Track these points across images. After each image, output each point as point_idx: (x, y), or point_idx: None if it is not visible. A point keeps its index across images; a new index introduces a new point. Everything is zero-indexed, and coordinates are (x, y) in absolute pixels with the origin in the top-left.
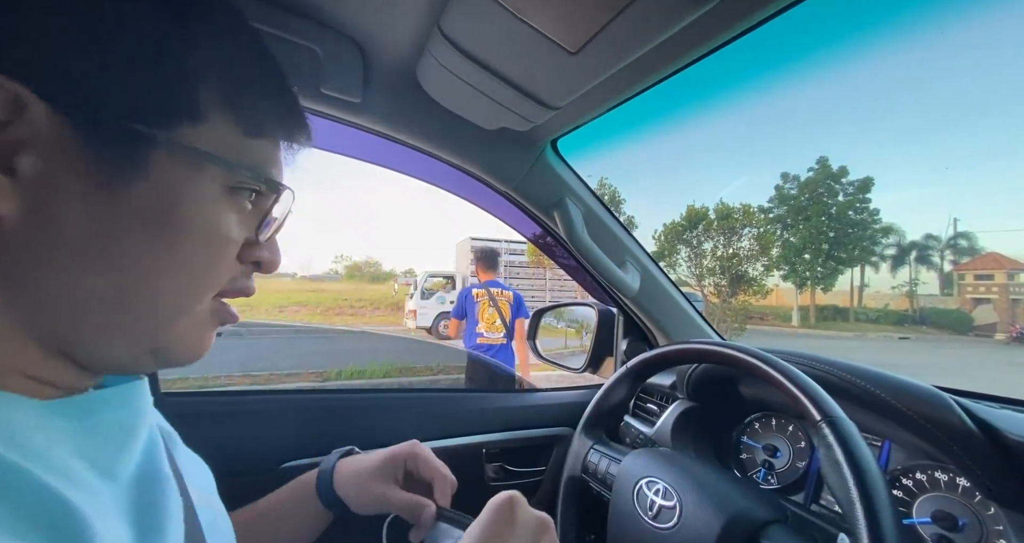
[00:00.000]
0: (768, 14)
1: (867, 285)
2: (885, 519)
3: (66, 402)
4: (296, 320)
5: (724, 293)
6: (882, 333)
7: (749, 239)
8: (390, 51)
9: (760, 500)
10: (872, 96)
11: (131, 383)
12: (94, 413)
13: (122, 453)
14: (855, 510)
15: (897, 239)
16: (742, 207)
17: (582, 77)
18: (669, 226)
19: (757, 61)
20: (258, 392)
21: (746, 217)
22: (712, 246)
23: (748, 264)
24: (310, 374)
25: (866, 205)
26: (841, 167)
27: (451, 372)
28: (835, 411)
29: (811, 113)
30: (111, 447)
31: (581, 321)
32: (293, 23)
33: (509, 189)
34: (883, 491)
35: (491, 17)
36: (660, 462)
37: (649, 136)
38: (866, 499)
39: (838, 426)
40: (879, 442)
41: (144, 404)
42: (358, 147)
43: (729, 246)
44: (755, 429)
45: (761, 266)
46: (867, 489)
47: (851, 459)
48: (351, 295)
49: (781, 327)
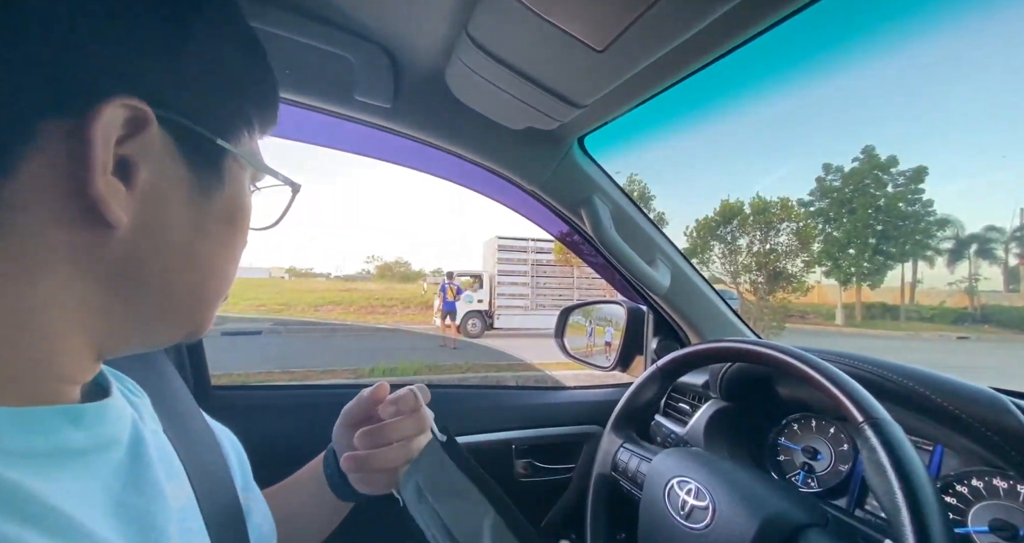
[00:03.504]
0: (803, 3)
1: (920, 281)
2: (933, 525)
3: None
4: (330, 318)
5: (761, 291)
6: (937, 332)
7: (787, 234)
8: (419, 57)
9: (798, 503)
10: (923, 81)
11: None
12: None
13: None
14: (900, 516)
15: (955, 232)
16: (780, 201)
17: (609, 75)
18: (701, 222)
19: (795, 49)
20: (301, 387)
21: (784, 211)
22: (748, 242)
23: (787, 260)
24: (345, 371)
25: (919, 196)
26: (890, 156)
27: (479, 370)
28: (878, 412)
29: (855, 101)
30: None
31: (609, 319)
32: (327, 33)
33: (536, 188)
34: (931, 496)
35: (517, 19)
36: (692, 462)
37: (681, 130)
38: (913, 504)
39: (882, 428)
40: (930, 446)
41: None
42: (390, 151)
43: (766, 242)
44: (793, 430)
45: (801, 262)
46: (914, 494)
47: (896, 463)
48: (382, 294)
49: (824, 326)
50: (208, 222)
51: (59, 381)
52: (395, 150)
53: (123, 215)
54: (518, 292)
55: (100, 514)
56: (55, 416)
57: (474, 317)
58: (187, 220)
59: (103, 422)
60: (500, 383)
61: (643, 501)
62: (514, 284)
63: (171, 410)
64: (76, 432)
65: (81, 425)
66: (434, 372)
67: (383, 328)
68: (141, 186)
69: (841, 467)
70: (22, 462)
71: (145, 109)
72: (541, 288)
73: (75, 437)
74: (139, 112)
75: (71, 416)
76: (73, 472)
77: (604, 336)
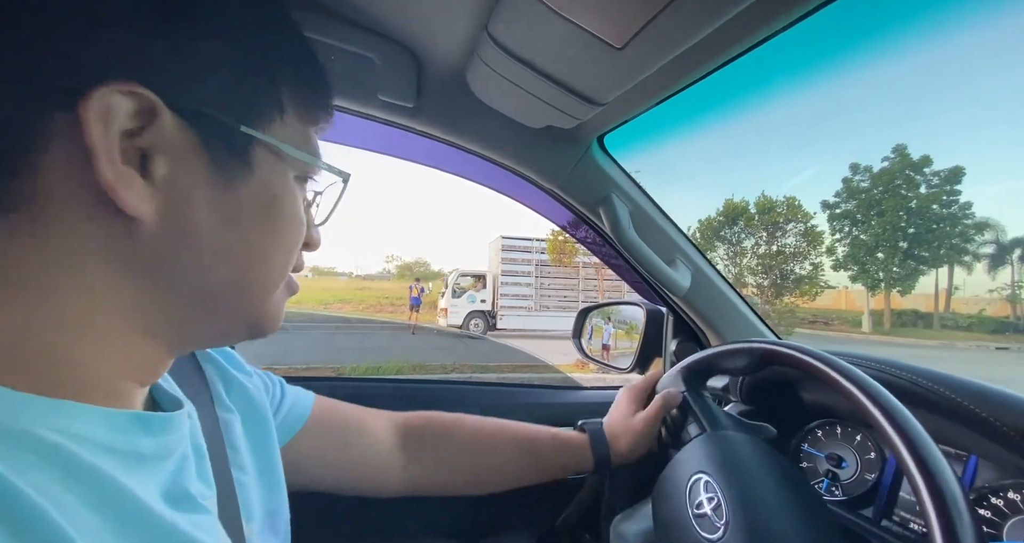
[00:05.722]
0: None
1: (959, 288)
2: (966, 540)
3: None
4: (338, 315)
5: (767, 294)
6: (974, 342)
7: (795, 235)
8: (441, 57)
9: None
10: (958, 77)
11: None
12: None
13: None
14: (932, 532)
15: (995, 236)
16: (786, 200)
17: (628, 72)
18: (705, 222)
19: (824, 44)
20: (309, 379)
21: (790, 211)
22: (753, 243)
23: (794, 262)
24: (326, 369)
25: (955, 198)
26: (923, 156)
27: (464, 370)
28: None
29: (887, 98)
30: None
31: (630, 322)
32: (353, 34)
33: (555, 187)
34: (963, 506)
35: (537, 18)
36: (723, 462)
37: (705, 128)
38: (942, 515)
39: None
40: (964, 456)
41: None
42: (412, 150)
43: (772, 243)
44: (817, 437)
45: (809, 264)
46: (944, 504)
47: (924, 471)
48: (392, 293)
49: (850, 332)
50: (238, 213)
51: (123, 377)
52: (418, 149)
53: (142, 206)
54: (522, 292)
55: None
56: (132, 420)
57: (476, 317)
58: (214, 211)
59: (168, 432)
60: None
61: (662, 482)
62: (518, 284)
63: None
64: (146, 438)
65: (151, 432)
66: (418, 371)
67: (352, 319)
68: (162, 177)
69: (868, 476)
70: (109, 456)
71: (150, 97)
72: (545, 289)
73: (145, 443)
74: (144, 101)
75: (144, 422)
76: (139, 475)
77: (601, 338)
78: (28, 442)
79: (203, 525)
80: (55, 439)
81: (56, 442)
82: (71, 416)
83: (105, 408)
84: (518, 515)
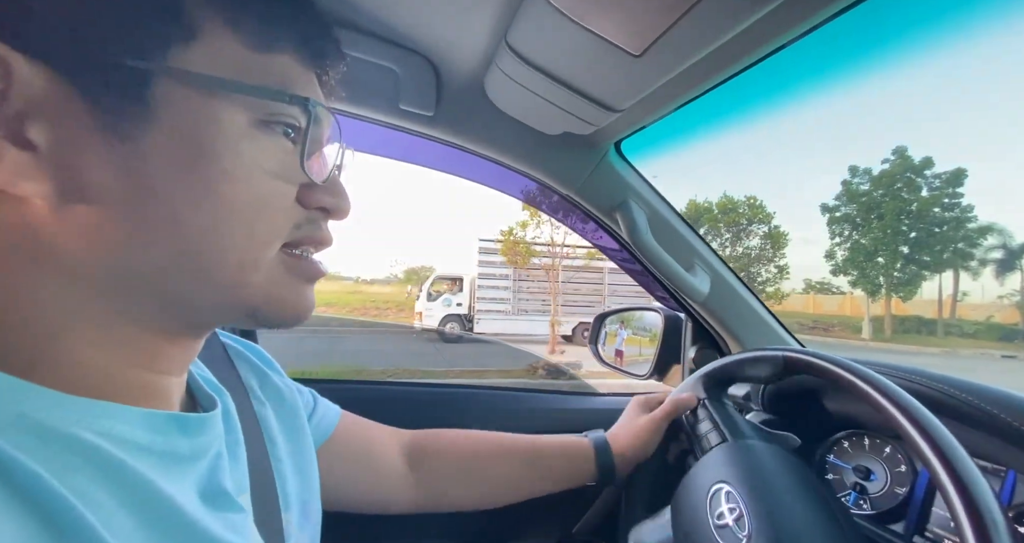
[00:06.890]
0: (843, 6)
1: (966, 294)
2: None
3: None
4: (316, 317)
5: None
6: (979, 350)
7: (759, 237)
8: (460, 66)
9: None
10: (961, 83)
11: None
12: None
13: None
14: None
15: (1003, 240)
16: (747, 199)
17: (646, 79)
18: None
19: (834, 51)
20: (322, 381)
21: (752, 211)
22: (718, 246)
23: (759, 266)
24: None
25: (957, 201)
26: (925, 158)
27: (401, 376)
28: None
29: (891, 102)
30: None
31: (651, 329)
32: (375, 47)
33: (571, 192)
34: (1001, 524)
35: (555, 27)
36: (746, 473)
37: (724, 134)
38: (979, 533)
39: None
40: (1001, 471)
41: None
42: (431, 157)
43: (736, 245)
44: (844, 448)
45: (775, 267)
46: (981, 521)
47: (960, 487)
48: (381, 297)
49: (848, 339)
50: (151, 170)
51: (127, 366)
52: (437, 157)
53: (30, 184)
54: (499, 296)
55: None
56: (169, 421)
57: (452, 321)
58: (118, 174)
59: (204, 432)
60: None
61: (682, 492)
62: (495, 287)
63: None
64: (183, 438)
65: (188, 432)
66: (360, 376)
67: (333, 321)
68: (47, 146)
69: (898, 490)
70: (148, 458)
71: (2, 49)
72: (523, 292)
73: (182, 443)
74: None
75: (181, 423)
76: (176, 475)
77: (615, 344)
78: (73, 445)
79: (237, 525)
80: (97, 442)
81: (97, 445)
82: (113, 418)
83: (145, 409)
84: (534, 522)
